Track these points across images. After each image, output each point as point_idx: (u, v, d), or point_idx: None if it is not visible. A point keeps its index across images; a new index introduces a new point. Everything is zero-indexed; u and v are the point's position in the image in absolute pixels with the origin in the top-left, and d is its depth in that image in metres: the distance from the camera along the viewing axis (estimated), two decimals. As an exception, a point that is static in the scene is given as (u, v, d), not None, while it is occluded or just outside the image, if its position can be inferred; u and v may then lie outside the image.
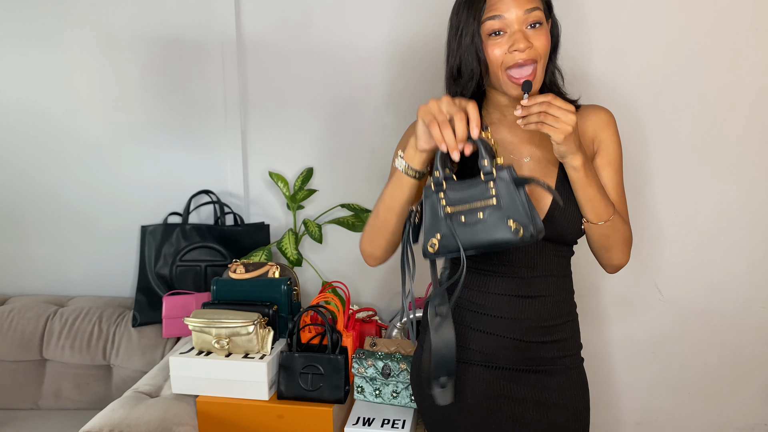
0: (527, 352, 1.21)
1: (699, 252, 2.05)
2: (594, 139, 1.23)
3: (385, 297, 2.18)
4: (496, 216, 1.02)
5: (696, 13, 1.88)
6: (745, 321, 2.07)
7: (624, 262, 1.25)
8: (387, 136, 2.09)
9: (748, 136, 1.95)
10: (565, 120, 1.03)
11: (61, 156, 2.16)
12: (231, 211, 2.13)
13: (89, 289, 2.22)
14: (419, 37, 2.01)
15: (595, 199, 1.13)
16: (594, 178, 1.13)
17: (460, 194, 1.06)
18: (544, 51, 1.14)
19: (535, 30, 1.12)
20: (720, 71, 1.92)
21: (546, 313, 1.21)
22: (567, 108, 1.03)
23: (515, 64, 1.12)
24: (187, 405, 1.55)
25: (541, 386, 1.22)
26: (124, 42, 2.08)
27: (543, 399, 1.22)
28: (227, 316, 1.57)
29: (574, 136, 1.06)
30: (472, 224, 1.04)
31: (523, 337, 1.21)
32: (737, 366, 2.10)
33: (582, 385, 1.28)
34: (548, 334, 1.22)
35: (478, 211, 1.04)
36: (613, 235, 1.18)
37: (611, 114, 1.25)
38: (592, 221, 1.16)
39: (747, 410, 2.14)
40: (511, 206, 1.02)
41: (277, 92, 2.09)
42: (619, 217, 1.18)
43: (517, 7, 1.10)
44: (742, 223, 2.01)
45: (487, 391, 1.21)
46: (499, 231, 1.02)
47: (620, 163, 1.24)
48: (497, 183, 1.03)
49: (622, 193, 1.24)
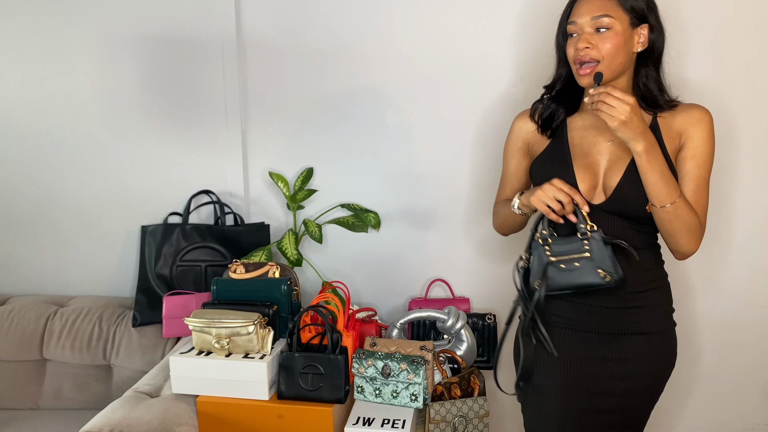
0: (611, 318, 1.39)
1: (699, 252, 2.04)
2: (681, 134, 1.37)
3: (385, 297, 2.18)
4: (589, 265, 1.32)
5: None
6: (745, 321, 2.07)
7: (690, 250, 1.37)
8: (387, 136, 2.09)
9: (747, 137, 1.95)
10: (619, 109, 1.23)
11: (61, 156, 2.16)
12: (231, 211, 2.13)
13: (89, 289, 2.22)
14: (420, 37, 2.01)
15: (656, 184, 1.29)
16: (658, 165, 1.28)
17: (561, 248, 1.36)
18: (607, 53, 1.32)
19: (601, 34, 1.33)
20: (719, 69, 1.91)
21: (629, 280, 1.36)
22: (624, 99, 1.23)
23: (579, 59, 1.35)
24: (187, 405, 1.55)
25: (620, 348, 1.40)
26: (124, 42, 2.08)
27: (621, 359, 1.40)
28: (227, 316, 1.57)
29: (633, 124, 1.24)
30: (570, 270, 1.34)
31: (607, 304, 1.39)
32: (737, 366, 2.10)
33: (662, 351, 1.44)
34: (631, 301, 1.38)
35: (575, 261, 1.34)
36: (675, 221, 1.31)
37: (706, 113, 1.37)
38: (654, 204, 1.31)
39: (747, 410, 2.14)
40: (600, 259, 1.32)
41: (277, 92, 2.09)
42: (684, 205, 1.31)
43: (587, 14, 1.33)
44: (742, 223, 2.01)
45: (572, 351, 1.42)
46: (591, 276, 1.32)
47: (706, 157, 1.36)
48: (590, 241, 1.33)
49: (702, 186, 1.37)
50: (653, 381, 1.46)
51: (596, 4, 1.33)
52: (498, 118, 2.02)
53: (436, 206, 2.10)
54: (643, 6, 1.35)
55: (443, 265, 2.14)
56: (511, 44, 1.97)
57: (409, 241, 2.14)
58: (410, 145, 2.08)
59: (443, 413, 1.54)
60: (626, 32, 1.33)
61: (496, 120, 2.02)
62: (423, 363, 1.55)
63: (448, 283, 2.13)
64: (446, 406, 1.55)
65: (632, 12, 1.33)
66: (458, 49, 2.00)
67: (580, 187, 1.38)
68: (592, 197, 1.39)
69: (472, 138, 2.04)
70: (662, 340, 1.45)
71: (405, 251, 2.15)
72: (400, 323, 1.82)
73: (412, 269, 2.16)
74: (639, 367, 1.41)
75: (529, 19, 1.94)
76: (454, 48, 2.00)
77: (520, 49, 1.96)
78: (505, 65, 1.99)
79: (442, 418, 1.54)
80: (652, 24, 1.36)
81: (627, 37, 1.33)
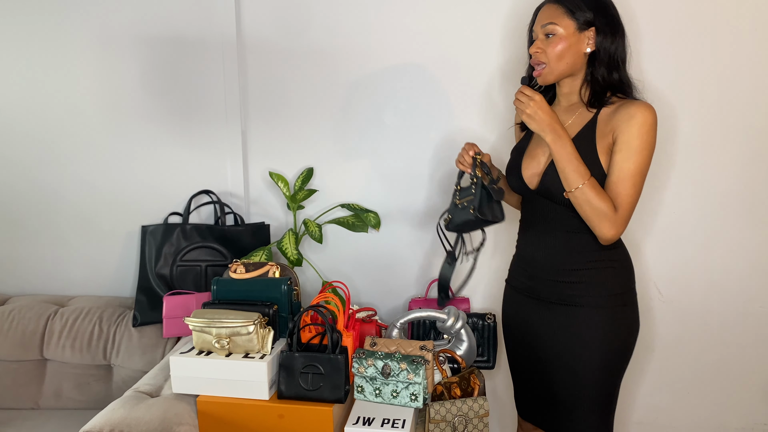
0: (547, 287, 1.58)
1: (699, 252, 2.05)
2: (614, 130, 1.46)
3: (385, 297, 2.19)
4: (470, 205, 1.64)
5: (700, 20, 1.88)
6: (745, 321, 2.07)
7: (604, 234, 1.46)
8: (387, 136, 2.09)
9: (748, 136, 1.96)
10: (525, 103, 1.47)
11: (61, 156, 2.16)
12: (231, 211, 2.13)
13: (90, 289, 2.23)
14: (420, 37, 2.01)
15: (563, 170, 1.45)
16: (566, 153, 1.44)
17: (463, 193, 1.69)
18: (552, 56, 1.49)
19: (549, 40, 1.49)
20: (718, 73, 1.92)
21: (563, 259, 1.55)
22: (530, 96, 1.46)
23: (533, 62, 1.54)
24: (188, 405, 1.55)
25: (562, 316, 1.56)
26: (124, 42, 2.09)
27: (554, 324, 1.58)
28: (227, 316, 1.57)
29: (538, 117, 1.45)
30: (462, 209, 1.67)
31: (549, 277, 1.58)
32: (737, 366, 2.10)
33: (597, 323, 1.53)
34: (569, 276, 1.54)
35: (466, 201, 1.66)
36: (584, 205, 1.44)
37: (640, 110, 1.43)
38: (565, 188, 1.47)
39: (747, 410, 2.14)
40: (477, 200, 1.63)
41: (277, 92, 2.09)
42: (590, 190, 1.42)
43: (539, 22, 1.51)
44: (742, 223, 2.01)
45: (520, 312, 1.67)
46: (466, 214, 1.64)
47: (633, 152, 1.43)
48: (475, 186, 1.64)
49: (624, 178, 1.43)
50: (588, 351, 1.54)
51: (546, 13, 1.50)
52: (497, 119, 2.02)
53: (436, 206, 2.10)
54: (588, 13, 1.47)
55: (443, 265, 2.14)
56: (511, 45, 1.97)
57: (409, 241, 2.14)
58: (410, 145, 2.08)
59: (443, 413, 1.54)
60: (572, 36, 1.47)
61: (496, 120, 2.02)
62: (423, 363, 1.55)
63: (448, 283, 2.14)
64: (446, 405, 1.55)
65: (578, 18, 1.47)
66: (458, 49, 2.00)
67: (523, 174, 1.59)
68: (531, 183, 1.58)
69: (472, 138, 2.04)
70: (601, 312, 1.53)
71: (405, 251, 2.15)
72: (400, 323, 1.82)
73: (412, 269, 2.16)
74: (570, 334, 1.55)
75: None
76: (454, 48, 2.00)
77: (519, 50, 1.96)
78: (505, 66, 1.99)
79: (442, 418, 1.54)
80: (598, 27, 1.47)
81: (573, 41, 1.47)
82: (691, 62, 1.92)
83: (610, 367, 1.56)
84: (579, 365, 1.54)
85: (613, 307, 1.54)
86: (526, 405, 1.73)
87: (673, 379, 2.15)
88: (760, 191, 1.99)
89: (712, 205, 2.01)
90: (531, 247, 1.62)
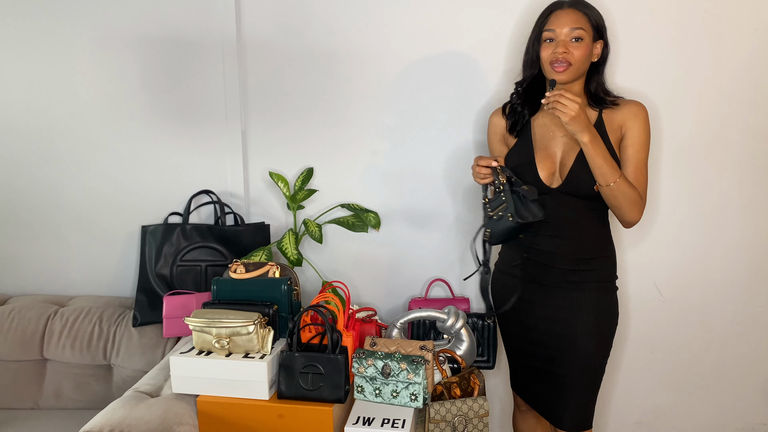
0: (554, 275, 1.67)
1: (699, 252, 2.05)
2: (622, 126, 1.63)
3: (385, 297, 2.19)
4: (507, 213, 1.64)
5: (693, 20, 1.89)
6: (745, 321, 2.07)
7: (634, 219, 1.61)
8: (387, 136, 2.09)
9: (747, 136, 1.96)
10: (569, 107, 1.49)
11: (61, 156, 2.16)
12: (231, 211, 2.13)
13: (90, 289, 2.23)
14: (420, 38, 2.01)
15: (601, 167, 1.54)
16: (601, 152, 1.53)
17: (493, 204, 1.68)
18: (578, 59, 1.58)
19: (575, 43, 1.59)
20: (718, 73, 1.92)
21: (576, 248, 1.65)
22: (573, 99, 1.50)
23: (555, 60, 1.59)
24: (188, 405, 1.55)
25: (561, 299, 1.67)
26: (124, 42, 2.09)
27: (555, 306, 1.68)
28: (227, 316, 1.57)
29: (580, 119, 1.50)
30: (498, 220, 1.65)
31: (560, 266, 1.66)
32: (737, 366, 2.10)
33: (595, 303, 1.65)
34: (583, 265, 1.65)
35: (500, 211, 1.65)
36: (619, 196, 1.56)
37: (642, 107, 1.63)
38: (600, 184, 1.56)
39: (747, 410, 2.14)
40: (510, 206, 1.63)
41: (277, 92, 2.09)
42: (624, 182, 1.55)
43: (566, 25, 1.59)
44: (742, 223, 2.01)
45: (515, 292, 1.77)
46: (505, 222, 1.63)
47: (642, 144, 1.61)
48: (504, 194, 1.65)
49: (640, 167, 1.61)
50: (583, 319, 1.66)
51: (572, 17, 1.59)
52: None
53: (436, 206, 2.10)
54: (603, 24, 1.63)
55: (443, 265, 2.14)
56: (509, 46, 1.97)
57: (409, 241, 2.14)
58: (410, 145, 2.08)
59: (443, 413, 1.54)
60: (590, 45, 1.61)
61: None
62: (423, 363, 1.55)
63: (448, 283, 2.14)
64: (446, 405, 1.55)
65: (596, 29, 1.61)
66: (458, 49, 2.00)
67: (540, 174, 1.65)
68: (552, 182, 1.65)
69: (472, 138, 2.04)
70: (594, 294, 1.66)
71: (405, 251, 2.15)
72: (400, 323, 1.82)
73: (412, 269, 2.16)
74: (566, 309, 1.67)
75: (531, 20, 1.94)
76: (454, 48, 2.00)
77: (518, 51, 1.96)
78: (504, 66, 1.99)
79: (441, 418, 1.54)
80: (605, 40, 1.65)
81: (590, 49, 1.61)
82: (691, 62, 1.93)
83: (601, 338, 1.67)
84: (574, 332, 1.65)
85: (605, 292, 1.69)
86: (520, 381, 1.84)
87: (673, 379, 2.15)
88: (760, 191, 1.99)
89: (711, 205, 2.01)
90: (547, 240, 1.67)
